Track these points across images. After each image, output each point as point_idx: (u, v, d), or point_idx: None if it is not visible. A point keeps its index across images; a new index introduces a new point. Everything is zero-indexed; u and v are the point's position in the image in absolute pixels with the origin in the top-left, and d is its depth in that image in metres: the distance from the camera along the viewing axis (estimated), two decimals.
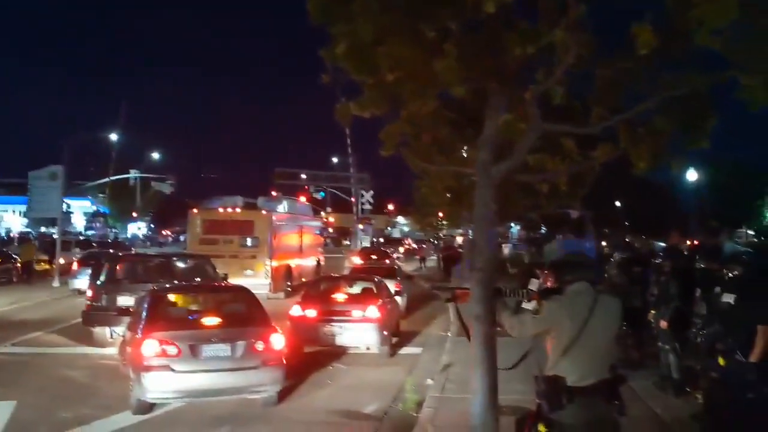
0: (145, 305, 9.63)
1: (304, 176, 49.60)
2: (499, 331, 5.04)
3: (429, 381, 10.52)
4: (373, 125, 5.37)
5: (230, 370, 8.76)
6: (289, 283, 24.12)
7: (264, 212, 23.80)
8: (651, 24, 4.02)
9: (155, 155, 55.75)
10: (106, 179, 52.10)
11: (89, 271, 18.58)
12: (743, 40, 3.92)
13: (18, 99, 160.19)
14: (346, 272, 24.45)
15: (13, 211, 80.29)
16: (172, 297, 10.39)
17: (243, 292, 10.76)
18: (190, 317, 9.67)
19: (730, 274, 7.32)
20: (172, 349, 8.53)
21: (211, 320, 9.34)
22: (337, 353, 12.88)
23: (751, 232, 58.36)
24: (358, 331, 12.67)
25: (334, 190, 56.78)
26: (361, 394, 10.22)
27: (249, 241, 22.79)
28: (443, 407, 8.77)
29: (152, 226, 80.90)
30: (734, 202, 52.10)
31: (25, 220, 68.61)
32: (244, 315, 9.88)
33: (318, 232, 31.81)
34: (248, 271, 21.84)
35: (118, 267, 14.82)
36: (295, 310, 13.14)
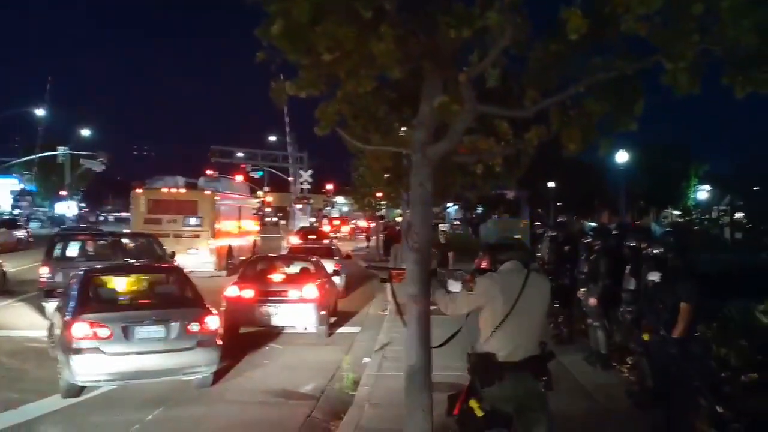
0: (76, 286, 9.36)
1: (241, 154, 48.72)
2: (433, 310, 5.11)
3: (366, 360, 10.60)
4: (312, 104, 5.30)
5: (164, 351, 8.61)
6: (230, 262, 24.66)
7: (207, 192, 24.38)
8: (581, 9, 4.08)
9: (85, 132, 54.03)
10: (33, 156, 50.18)
11: None
12: (668, 26, 4.02)
13: None
14: (283, 252, 24.49)
15: None
16: (103, 277, 10.11)
17: (177, 272, 10.61)
18: (122, 298, 9.45)
19: (653, 252, 7.59)
20: (103, 331, 8.33)
21: (144, 301, 9.16)
22: (274, 334, 12.84)
23: (677, 212, 60.79)
24: (295, 312, 12.64)
25: (272, 169, 56.04)
26: (297, 374, 10.23)
27: (192, 221, 23.41)
28: (379, 385, 8.88)
29: (82, 204, 78.30)
30: (662, 183, 53.99)
31: None
32: (178, 296, 9.75)
33: (254, 211, 31.90)
34: (192, 250, 22.59)
35: (71, 244, 15.97)
36: (232, 291, 12.98)
